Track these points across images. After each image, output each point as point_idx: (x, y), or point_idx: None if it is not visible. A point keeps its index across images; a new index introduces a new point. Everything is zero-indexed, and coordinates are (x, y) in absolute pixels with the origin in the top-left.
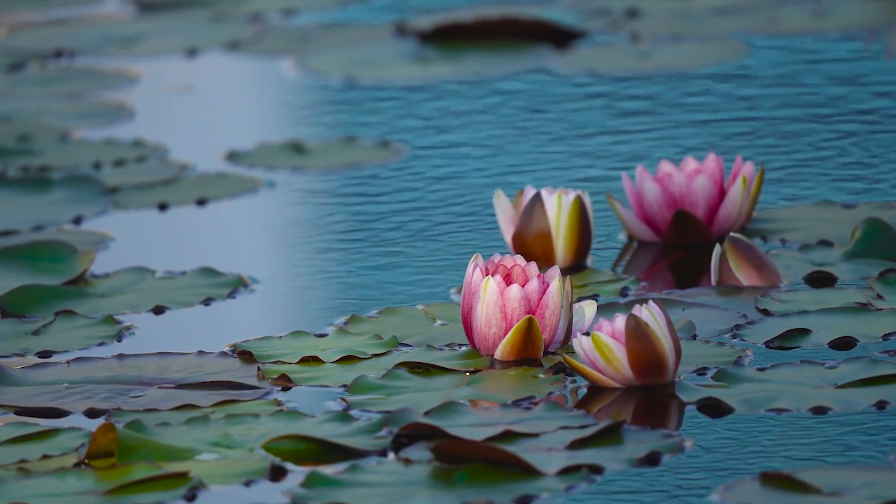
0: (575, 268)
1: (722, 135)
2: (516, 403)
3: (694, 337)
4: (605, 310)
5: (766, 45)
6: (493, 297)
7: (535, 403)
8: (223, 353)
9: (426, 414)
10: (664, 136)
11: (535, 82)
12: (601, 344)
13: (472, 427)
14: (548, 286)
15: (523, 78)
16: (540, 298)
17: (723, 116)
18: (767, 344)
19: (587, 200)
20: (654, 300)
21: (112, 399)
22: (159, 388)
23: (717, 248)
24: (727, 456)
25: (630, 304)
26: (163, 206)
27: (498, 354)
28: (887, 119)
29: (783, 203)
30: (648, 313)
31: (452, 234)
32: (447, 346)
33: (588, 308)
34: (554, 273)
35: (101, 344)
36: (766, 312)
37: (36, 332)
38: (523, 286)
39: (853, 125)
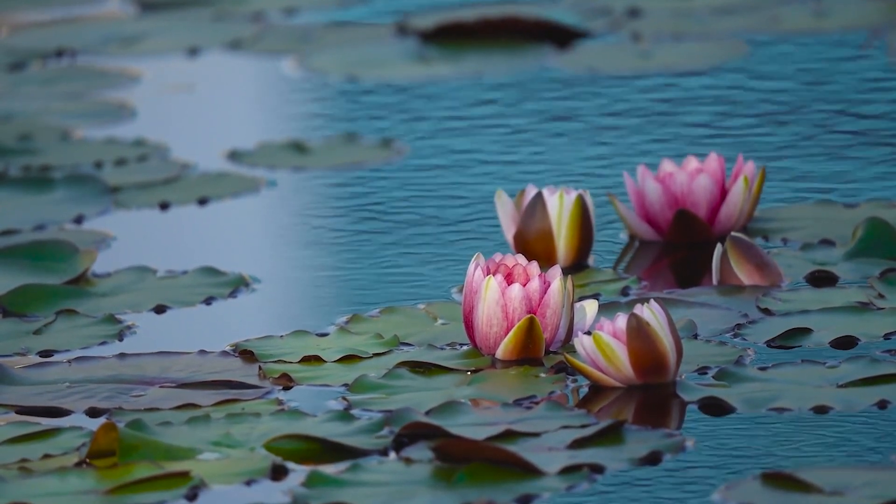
0: (576, 267)
1: (723, 134)
2: (517, 403)
3: (695, 336)
4: (607, 309)
5: (766, 44)
6: (495, 296)
7: (537, 403)
8: (224, 353)
9: (427, 413)
10: (665, 135)
11: (536, 81)
12: (602, 343)
13: (473, 426)
14: (549, 285)
15: (524, 77)
16: (541, 298)
17: (724, 116)
18: (769, 343)
19: (589, 200)
20: (655, 299)
21: (113, 398)
22: (160, 387)
23: (719, 248)
24: (728, 455)
25: (631, 304)
26: (164, 206)
27: (499, 354)
28: (888, 118)
29: (784, 203)
30: (650, 312)
31: (453, 234)
32: (448, 345)
33: (589, 307)
34: (555, 272)
35: (102, 343)
36: (767, 312)
37: (37, 332)
38: (525, 285)
39: (854, 125)
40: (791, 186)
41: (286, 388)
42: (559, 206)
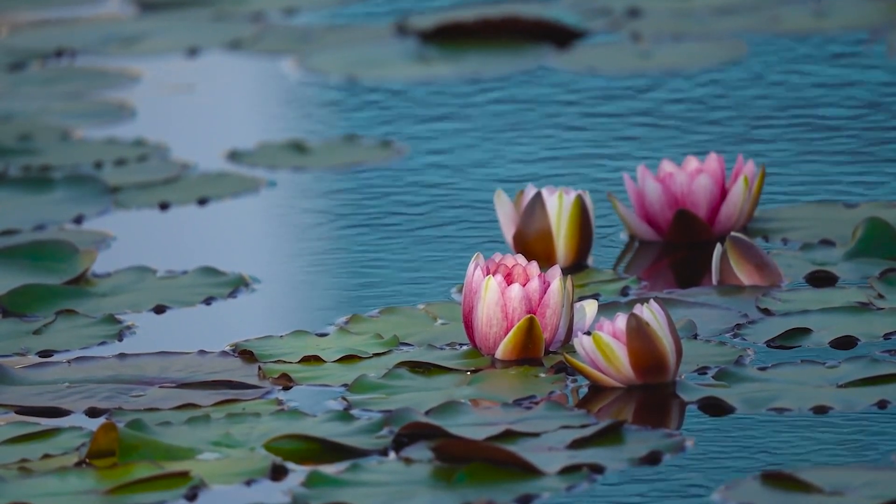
0: (576, 267)
1: (724, 134)
2: (517, 403)
3: (695, 336)
4: (606, 309)
5: (766, 44)
6: (494, 296)
7: (536, 403)
8: (224, 353)
9: (427, 413)
10: (665, 135)
11: (536, 81)
12: (602, 343)
13: (472, 426)
14: (549, 285)
15: (524, 77)
16: (541, 298)
17: (724, 115)
18: (768, 343)
19: (588, 200)
20: (655, 299)
21: (113, 398)
22: (160, 387)
23: (719, 248)
24: (728, 455)
25: (631, 304)
26: (164, 206)
27: (499, 354)
28: (888, 118)
29: (784, 203)
30: (649, 313)
31: (453, 234)
32: (448, 345)
33: (589, 307)
34: (555, 272)
35: (102, 343)
36: (767, 312)
37: (37, 332)
38: (524, 285)
39: (854, 125)
40: (791, 186)
41: (286, 388)
42: (558, 206)
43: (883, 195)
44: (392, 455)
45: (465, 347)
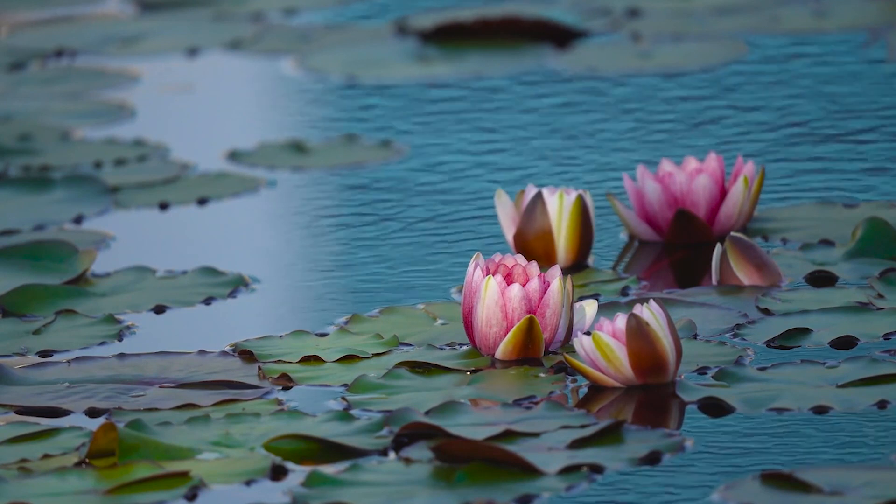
0: (576, 267)
1: (723, 134)
2: (517, 403)
3: (695, 336)
4: (606, 309)
5: (766, 44)
6: (494, 296)
7: (536, 403)
8: (224, 353)
9: (427, 413)
10: (665, 135)
11: (535, 81)
12: (602, 343)
13: (472, 426)
14: (549, 285)
15: (524, 77)
16: (541, 298)
17: (724, 116)
18: (768, 343)
19: (589, 200)
20: (654, 299)
21: (113, 398)
22: (160, 387)
23: (718, 248)
24: (727, 456)
25: (631, 304)
26: (164, 206)
27: (499, 354)
28: (888, 118)
29: (784, 203)
30: (649, 313)
31: (453, 234)
32: (448, 345)
33: (589, 307)
34: (555, 272)
35: (101, 343)
36: (766, 312)
37: (37, 332)
38: (524, 285)
39: (854, 125)
40: (791, 186)
41: (286, 388)
42: (559, 206)
43: (883, 195)
44: (392, 455)
45: (465, 347)
